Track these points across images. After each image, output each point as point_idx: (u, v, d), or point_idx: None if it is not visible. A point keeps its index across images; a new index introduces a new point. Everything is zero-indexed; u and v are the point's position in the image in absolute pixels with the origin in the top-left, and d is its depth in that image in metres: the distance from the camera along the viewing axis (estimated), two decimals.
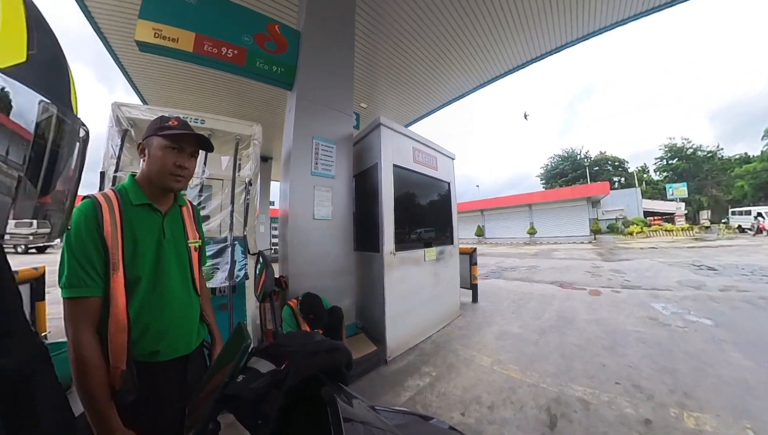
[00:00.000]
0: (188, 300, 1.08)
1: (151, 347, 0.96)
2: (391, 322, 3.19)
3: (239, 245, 2.89)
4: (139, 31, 3.00)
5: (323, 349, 0.66)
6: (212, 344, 1.18)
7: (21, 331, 0.55)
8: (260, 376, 0.58)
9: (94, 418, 0.83)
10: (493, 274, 8.87)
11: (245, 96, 7.47)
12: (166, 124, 1.01)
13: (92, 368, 0.84)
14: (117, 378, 0.86)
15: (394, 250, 3.31)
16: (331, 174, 3.46)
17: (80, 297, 0.87)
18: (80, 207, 0.91)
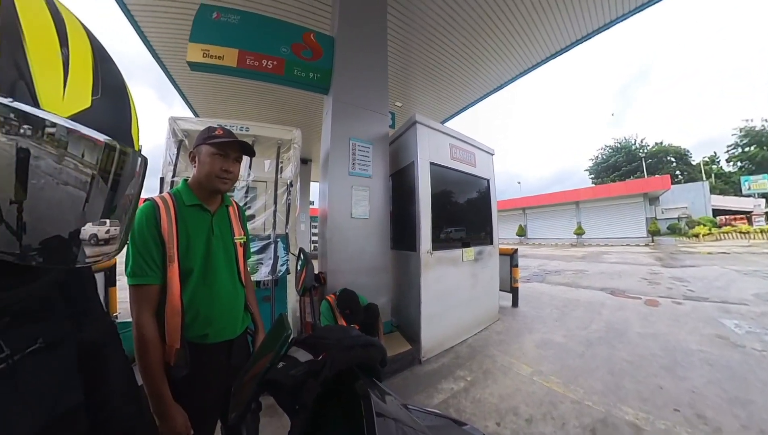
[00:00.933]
0: (234, 290, 1.19)
1: (201, 330, 1.08)
2: (427, 322, 3.15)
3: (281, 242, 3.09)
4: (190, 53, 3.36)
5: (359, 344, 0.67)
6: (255, 332, 1.29)
7: (96, 311, 0.64)
8: (299, 365, 0.60)
9: (149, 389, 0.94)
10: (536, 277, 8.34)
11: (285, 103, 7.82)
12: (213, 134, 1.13)
13: (151, 345, 0.97)
14: (172, 355, 0.99)
15: (431, 249, 3.27)
16: (368, 174, 3.51)
17: (142, 284, 1.01)
18: (142, 208, 1.05)
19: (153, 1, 4.62)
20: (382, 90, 3.84)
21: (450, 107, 8.39)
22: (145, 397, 0.92)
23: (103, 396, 0.60)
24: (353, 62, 3.66)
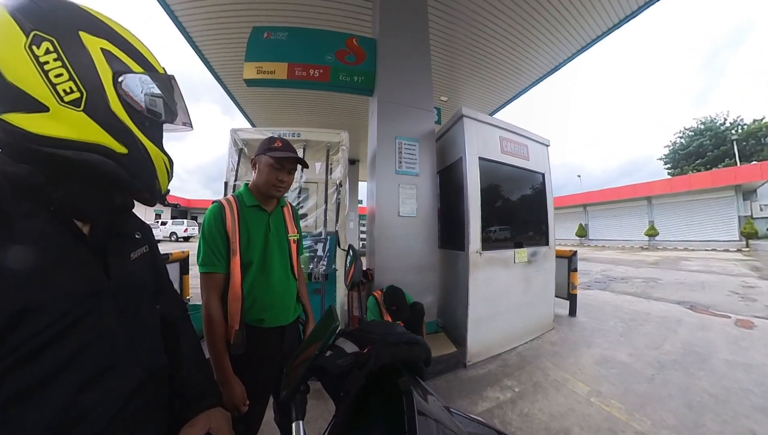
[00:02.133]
0: (287, 282, 1.32)
1: (258, 315, 1.22)
2: (474, 325, 3.03)
3: (331, 239, 3.25)
4: (246, 71, 3.73)
5: (404, 341, 0.68)
6: (306, 321, 1.42)
7: (170, 290, 0.81)
8: (345, 355, 0.64)
9: (214, 361, 1.10)
10: (598, 284, 7.46)
11: (333, 107, 8.12)
12: (273, 145, 1.25)
13: (216, 324, 1.14)
14: (233, 334, 1.14)
15: (481, 249, 3.14)
16: (415, 171, 3.49)
17: (210, 272, 1.17)
18: (211, 209, 1.23)
19: (213, 29, 5.25)
20: (426, 86, 3.80)
21: (499, 97, 7.86)
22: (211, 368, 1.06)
23: (178, 363, 0.71)
24: (396, 62, 3.68)
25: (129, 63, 0.52)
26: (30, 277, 0.42)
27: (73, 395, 0.45)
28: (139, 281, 0.63)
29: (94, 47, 0.48)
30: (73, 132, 0.46)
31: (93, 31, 0.48)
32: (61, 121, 0.45)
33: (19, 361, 0.40)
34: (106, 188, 0.54)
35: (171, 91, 0.61)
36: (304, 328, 1.40)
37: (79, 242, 0.51)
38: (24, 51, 0.42)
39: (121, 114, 0.50)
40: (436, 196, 3.67)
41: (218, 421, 0.66)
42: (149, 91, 0.56)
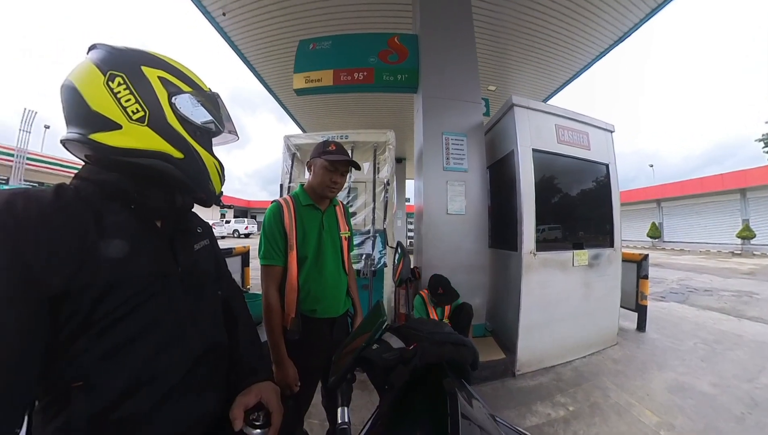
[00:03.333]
0: (338, 276, 1.41)
1: (312, 306, 1.32)
2: (525, 331, 2.84)
3: (380, 237, 3.34)
4: (295, 82, 3.98)
5: (450, 341, 0.68)
6: (354, 314, 1.50)
7: (228, 279, 0.92)
8: (391, 350, 0.65)
9: (271, 343, 1.24)
10: (674, 295, 6.36)
11: (378, 107, 8.27)
12: (327, 149, 1.34)
13: (274, 311, 1.26)
14: (288, 322, 1.26)
15: (535, 249, 2.93)
16: (464, 167, 3.39)
17: (270, 265, 1.30)
18: (271, 208, 1.35)
19: (264, 49, 5.87)
20: (472, 77, 3.66)
21: (553, 81, 7.08)
22: (267, 351, 1.21)
23: (236, 341, 0.80)
24: (439, 55, 3.60)
25: (180, 85, 0.64)
26: (116, 260, 0.53)
27: (151, 356, 0.56)
28: (202, 268, 0.74)
29: (152, 76, 0.60)
30: (140, 143, 0.58)
31: (151, 64, 0.62)
32: (131, 135, 0.57)
33: (108, 327, 0.51)
34: (170, 190, 0.66)
35: (217, 106, 0.72)
36: (353, 321, 1.48)
37: (153, 234, 0.64)
38: (103, 86, 0.56)
39: (176, 125, 0.62)
40: (487, 192, 3.52)
41: (268, 392, 0.74)
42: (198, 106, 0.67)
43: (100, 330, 0.50)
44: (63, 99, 0.57)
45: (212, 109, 0.70)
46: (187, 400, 0.60)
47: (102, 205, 0.56)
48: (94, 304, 0.49)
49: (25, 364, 0.44)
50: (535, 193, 3.00)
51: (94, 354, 0.49)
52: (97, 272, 0.50)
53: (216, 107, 0.71)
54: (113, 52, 0.59)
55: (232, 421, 0.64)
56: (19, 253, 0.43)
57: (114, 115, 0.55)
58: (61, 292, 0.46)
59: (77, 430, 0.49)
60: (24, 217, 0.45)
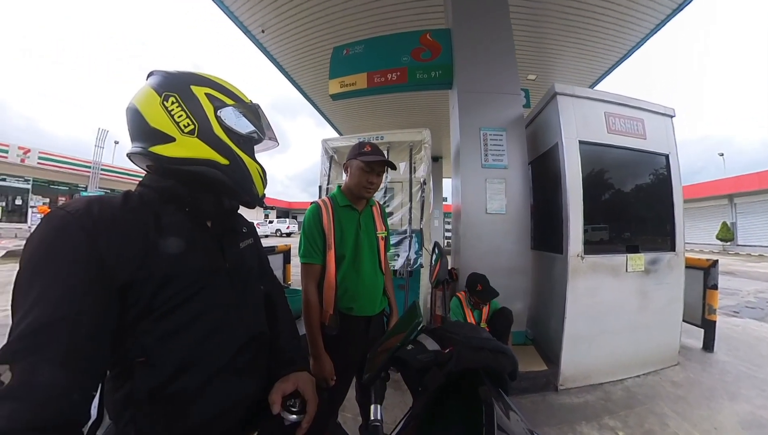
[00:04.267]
0: (375, 276, 1.44)
1: (349, 304, 1.37)
2: (571, 343, 2.62)
3: (416, 237, 3.32)
4: (331, 87, 4.10)
5: (488, 348, 0.66)
6: (390, 313, 1.53)
7: (270, 276, 0.99)
8: (426, 352, 0.65)
9: (309, 337, 1.30)
10: (750, 310, 5.44)
11: (412, 106, 8.23)
12: (363, 150, 1.37)
13: (313, 307, 1.32)
14: (326, 318, 1.32)
15: (583, 252, 2.68)
16: (503, 164, 3.24)
17: (309, 263, 1.36)
18: (310, 209, 1.41)
19: (300, 59, 6.28)
20: (509, 67, 3.48)
21: (600, 64, 6.36)
22: (305, 344, 1.24)
23: (276, 333, 0.87)
24: (473, 47, 3.48)
25: (224, 99, 0.71)
26: (172, 255, 0.60)
27: (201, 341, 0.63)
28: (247, 264, 0.81)
29: (200, 93, 0.68)
30: (191, 152, 0.65)
31: (198, 83, 0.70)
32: (183, 146, 0.65)
33: (165, 312, 0.58)
34: (218, 194, 0.73)
35: (258, 116, 0.78)
36: (388, 321, 1.52)
37: (204, 233, 0.71)
38: (159, 106, 0.64)
39: (222, 135, 0.69)
40: (529, 190, 3.33)
41: (305, 382, 0.79)
42: (240, 117, 0.74)
43: (159, 315, 0.57)
44: (128, 119, 0.66)
45: (253, 118, 0.76)
46: (230, 382, 0.67)
47: (161, 208, 0.64)
48: (154, 293, 0.57)
49: (100, 340, 0.51)
50: (583, 189, 2.76)
51: (153, 335, 0.57)
52: (156, 266, 0.57)
53: (257, 117, 0.78)
54: (167, 76, 0.69)
55: (271, 405, 0.70)
56: (96, 249, 0.51)
57: (169, 129, 0.64)
58: (127, 282, 0.54)
59: (139, 399, 0.57)
60: (99, 218, 0.54)
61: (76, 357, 0.47)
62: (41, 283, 0.47)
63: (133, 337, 0.56)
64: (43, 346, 0.44)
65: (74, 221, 0.51)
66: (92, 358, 0.50)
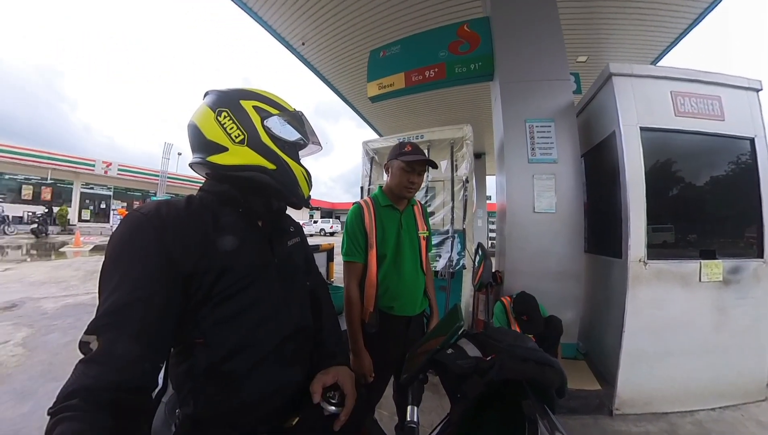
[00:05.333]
0: (416, 276, 1.45)
1: (389, 303, 1.39)
2: (630, 361, 2.32)
3: (459, 237, 3.24)
4: (369, 90, 4.16)
5: (534, 359, 0.61)
6: (430, 315, 1.53)
7: (316, 273, 1.04)
8: (466, 358, 0.63)
9: (350, 333, 1.34)
10: None
11: (452, 102, 8.00)
12: (403, 150, 1.39)
13: (354, 305, 1.36)
14: (367, 315, 1.35)
15: (646, 257, 2.36)
16: (552, 158, 3.00)
17: (352, 261, 1.40)
18: (352, 208, 1.45)
19: (339, 65, 6.52)
20: (556, 50, 3.20)
21: (664, 35, 5.40)
22: (346, 339, 1.30)
23: (319, 327, 0.93)
24: (515, 33, 3.27)
25: (269, 109, 0.78)
26: (228, 251, 0.68)
27: (251, 328, 0.69)
28: (294, 261, 0.88)
29: (248, 106, 0.76)
30: (242, 160, 0.73)
31: (247, 97, 0.77)
32: (235, 154, 0.72)
33: (221, 301, 0.65)
34: (267, 197, 0.80)
35: (301, 122, 0.84)
36: (428, 322, 1.52)
37: (256, 232, 0.78)
38: (214, 121, 0.73)
39: (268, 142, 0.75)
40: (582, 185, 3.03)
41: (344, 375, 0.82)
42: (285, 125, 0.80)
43: (216, 303, 0.65)
44: (189, 134, 0.77)
45: (297, 125, 0.82)
46: (276, 369, 0.73)
47: (218, 209, 0.73)
48: (212, 283, 0.64)
49: (167, 321, 0.60)
50: (646, 184, 2.43)
51: (211, 320, 0.64)
52: (214, 259, 0.65)
53: (300, 124, 0.83)
54: (220, 94, 0.78)
55: (312, 394, 0.74)
56: (164, 244, 0.60)
57: (223, 141, 0.72)
58: (190, 273, 0.62)
59: (198, 374, 0.65)
60: (167, 219, 0.63)
61: (147, 333, 0.55)
62: (120, 272, 0.57)
63: (194, 321, 0.64)
64: (122, 322, 0.53)
65: (147, 221, 0.61)
66: (160, 336, 0.58)
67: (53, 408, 0.46)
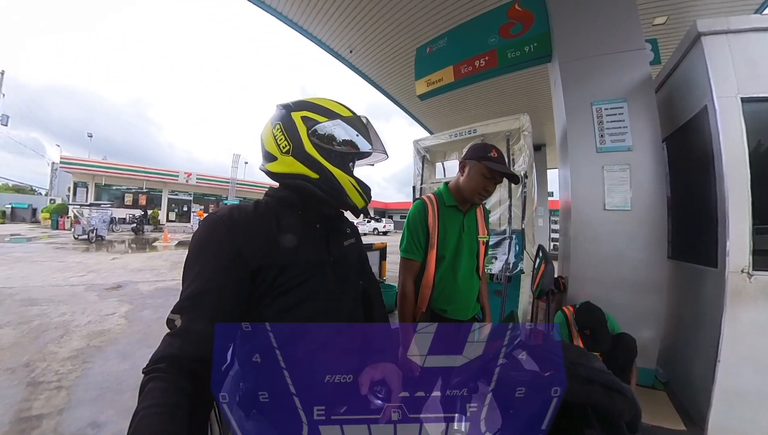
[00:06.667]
0: (471, 281, 1.41)
1: (443, 305, 1.37)
2: (725, 399, 1.87)
3: (517, 238, 3.00)
4: (418, 88, 4.13)
5: (600, 382, 0.53)
6: (483, 320, 1.47)
7: (369, 272, 1.06)
8: (521, 370, 0.58)
9: (402, 332, 1.28)
10: None
11: (505, 91, 7.48)
12: (489, 154, 1.30)
13: (408, 301, 1.35)
14: (419, 315, 1.33)
15: (751, 267, 1.86)
16: (626, 145, 2.63)
17: (410, 259, 1.38)
18: (415, 204, 1.43)
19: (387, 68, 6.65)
20: (627, 14, 2.76)
21: None
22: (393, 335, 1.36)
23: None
24: (575, 1, 2.93)
25: (318, 118, 0.81)
26: (289, 249, 0.75)
27: (306, 319, 0.75)
28: (349, 260, 0.92)
29: (297, 118, 0.81)
30: (287, 168, 0.80)
31: (298, 108, 0.83)
32: (281, 163, 0.80)
33: (281, 293, 0.72)
34: (318, 202, 0.85)
35: (359, 126, 0.86)
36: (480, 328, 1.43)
37: (314, 232, 0.84)
38: (271, 133, 0.82)
39: (313, 152, 0.79)
40: (664, 177, 2.60)
41: (392, 372, 0.83)
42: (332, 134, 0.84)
43: (277, 294, 0.72)
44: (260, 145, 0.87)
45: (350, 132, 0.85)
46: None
47: (281, 212, 0.81)
48: (275, 277, 0.72)
49: (236, 306, 0.69)
50: (750, 171, 1.93)
51: (273, 309, 0.72)
52: (277, 256, 0.73)
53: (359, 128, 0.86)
54: (279, 108, 0.85)
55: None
56: (235, 243, 0.69)
57: (274, 151, 0.81)
58: (256, 268, 0.70)
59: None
60: (237, 221, 0.72)
61: (219, 316, 0.64)
62: (199, 265, 0.68)
63: (258, 308, 0.72)
64: (199, 306, 0.64)
65: (221, 223, 0.71)
66: (230, 319, 0.67)
67: (146, 368, 0.58)
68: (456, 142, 3.80)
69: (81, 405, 2.22)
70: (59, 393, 2.37)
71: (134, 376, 2.58)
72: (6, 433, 1.92)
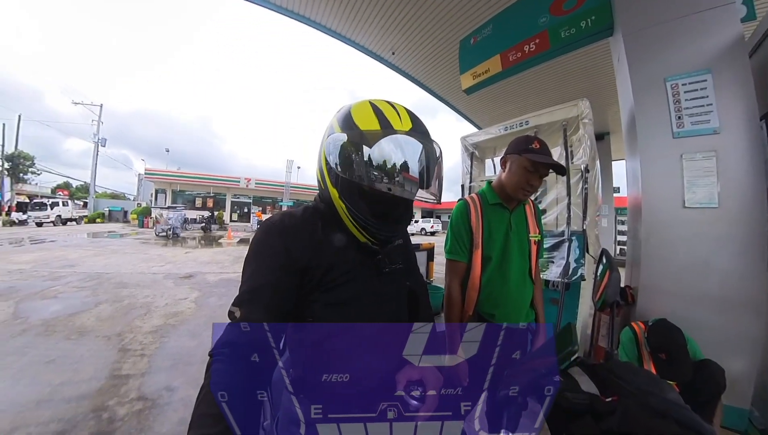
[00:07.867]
0: (523, 284, 1.33)
1: (490, 309, 1.30)
2: None
3: (577, 241, 2.72)
4: (463, 82, 3.96)
5: (675, 417, 0.43)
6: (536, 330, 1.34)
7: (416, 273, 1.06)
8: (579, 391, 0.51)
9: (448, 334, 1.27)
10: None
11: (559, 76, 6.77)
12: (530, 147, 1.23)
13: (454, 304, 1.32)
14: (465, 318, 1.30)
15: None
16: (710, 127, 2.18)
17: (455, 260, 1.34)
18: (458, 205, 1.39)
19: (430, 66, 6.54)
20: None
21: None
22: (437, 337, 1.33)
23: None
24: None
25: (339, 133, 0.80)
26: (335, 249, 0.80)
27: (351, 317, 0.79)
28: (395, 261, 0.94)
29: (325, 134, 0.84)
30: (318, 183, 0.88)
31: (339, 123, 0.82)
32: (319, 175, 0.86)
33: (327, 290, 0.78)
34: None
35: (385, 143, 0.75)
36: (534, 338, 1.34)
37: None
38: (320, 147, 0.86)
39: (320, 173, 0.85)
40: (763, 165, 2.09)
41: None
42: (343, 153, 0.78)
43: (323, 290, 0.78)
44: None
45: (361, 152, 0.74)
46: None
47: (318, 220, 0.86)
48: (321, 275, 0.77)
49: (288, 300, 0.76)
50: None
51: (319, 303, 0.78)
52: (323, 257, 0.78)
53: (389, 146, 0.76)
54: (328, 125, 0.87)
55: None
56: (286, 245, 0.77)
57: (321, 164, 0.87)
58: (304, 267, 0.77)
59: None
60: (288, 225, 0.80)
61: (274, 308, 0.72)
62: (256, 263, 0.77)
63: (307, 303, 0.78)
64: (256, 299, 0.72)
65: (274, 227, 0.80)
66: (282, 311, 0.74)
67: (212, 351, 0.65)
68: (506, 137, 3.53)
69: (159, 371, 2.70)
70: (142, 359, 2.90)
71: (201, 353, 3.11)
72: (104, 384, 2.45)
